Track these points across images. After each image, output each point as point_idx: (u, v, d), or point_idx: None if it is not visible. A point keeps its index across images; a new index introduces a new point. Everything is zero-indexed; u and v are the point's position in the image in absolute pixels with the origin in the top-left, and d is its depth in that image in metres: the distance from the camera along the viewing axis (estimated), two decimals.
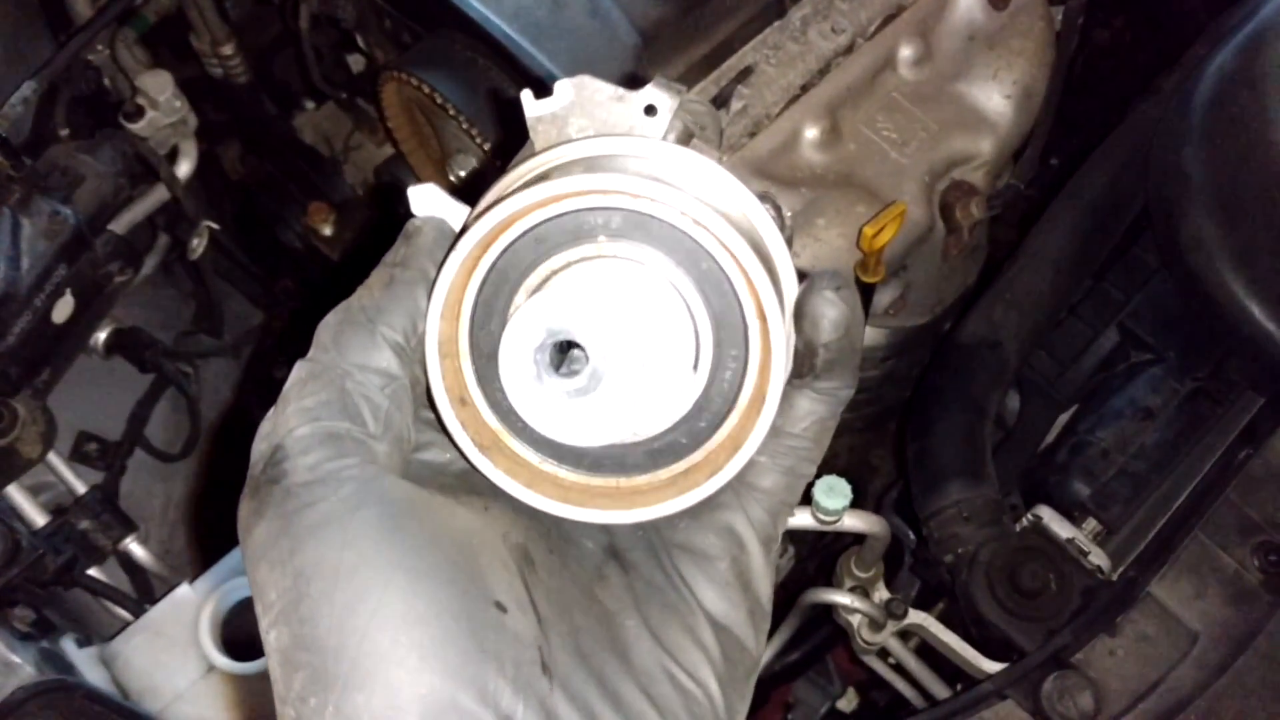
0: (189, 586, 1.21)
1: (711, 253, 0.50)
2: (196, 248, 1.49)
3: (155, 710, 1.13)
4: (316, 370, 0.53)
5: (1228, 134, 1.32)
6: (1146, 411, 1.32)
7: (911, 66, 1.50)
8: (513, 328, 0.51)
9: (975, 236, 1.51)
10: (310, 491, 0.50)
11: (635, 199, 0.49)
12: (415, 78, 1.30)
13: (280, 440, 0.51)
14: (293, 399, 0.52)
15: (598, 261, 0.52)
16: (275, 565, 0.49)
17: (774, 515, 0.57)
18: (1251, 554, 1.21)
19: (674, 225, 0.50)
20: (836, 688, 1.84)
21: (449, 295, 0.52)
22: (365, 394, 0.53)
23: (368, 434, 0.52)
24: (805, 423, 0.55)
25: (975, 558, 1.24)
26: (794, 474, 0.57)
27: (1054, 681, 1.13)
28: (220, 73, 1.89)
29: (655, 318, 0.51)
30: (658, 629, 0.52)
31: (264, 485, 0.51)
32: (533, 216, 0.51)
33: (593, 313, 0.50)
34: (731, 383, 0.53)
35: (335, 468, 0.50)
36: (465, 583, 0.49)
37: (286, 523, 0.49)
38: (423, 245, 0.56)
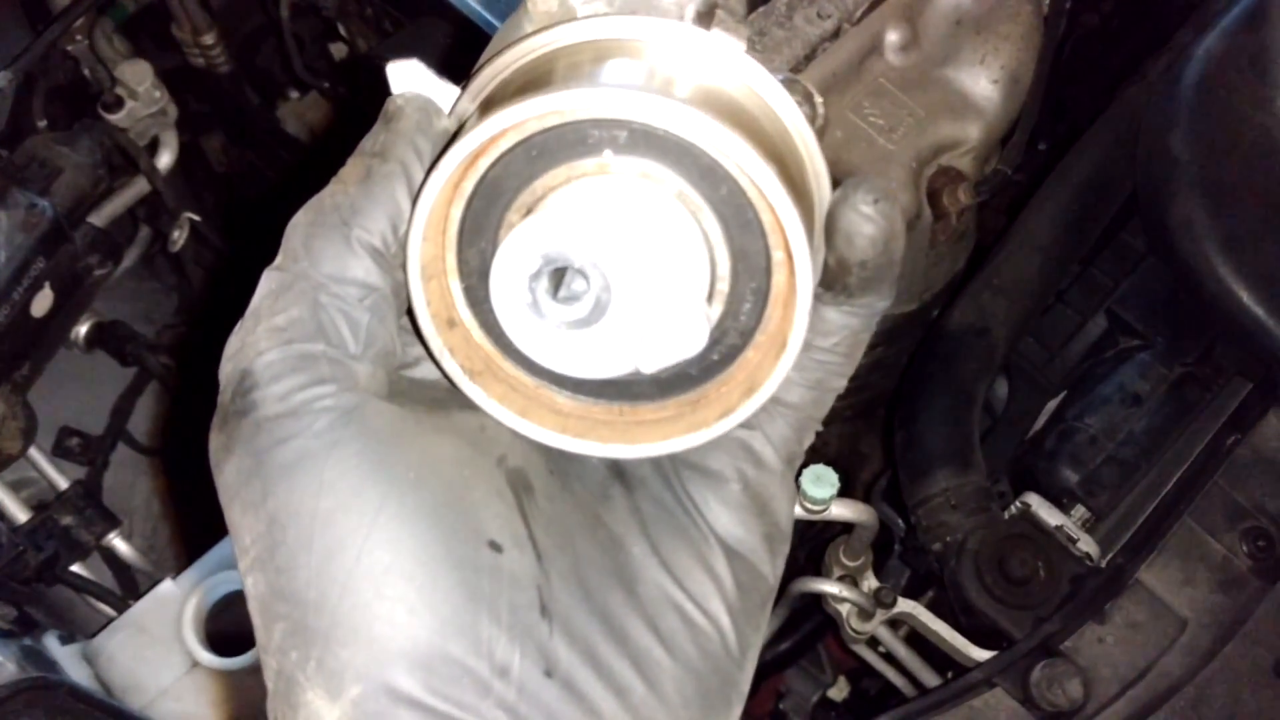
0: (172, 582, 1.20)
1: (732, 174, 0.45)
2: (177, 240, 1.47)
3: (139, 707, 1.12)
4: (287, 281, 0.48)
5: (1216, 118, 1.32)
6: (1135, 398, 1.32)
7: (898, 52, 1.49)
8: (506, 250, 0.46)
9: (963, 223, 1.50)
10: (282, 426, 0.45)
11: (645, 115, 0.44)
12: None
13: (249, 365, 0.46)
14: (263, 316, 0.47)
15: (602, 179, 0.46)
16: (248, 508, 0.46)
17: (799, 432, 0.53)
18: (1240, 540, 1.21)
19: (690, 142, 0.44)
20: (828, 676, 1.84)
21: (433, 212, 0.47)
22: (342, 308, 0.48)
23: (346, 354, 0.47)
24: (836, 337, 0.51)
25: (963, 546, 1.23)
26: (822, 388, 0.52)
27: (1042, 669, 1.12)
28: (202, 62, 1.87)
29: (665, 243, 0.46)
30: (666, 555, 0.49)
31: (232, 417, 0.46)
32: (529, 126, 0.45)
33: (596, 236, 0.45)
34: (750, 315, 0.49)
35: (309, 397, 0.46)
36: (456, 522, 0.46)
37: (258, 461, 0.45)
38: (404, 130, 0.50)
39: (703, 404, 0.50)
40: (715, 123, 0.43)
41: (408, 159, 0.49)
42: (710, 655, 0.48)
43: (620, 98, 0.44)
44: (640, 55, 0.47)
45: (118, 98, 1.44)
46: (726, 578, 0.49)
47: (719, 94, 0.47)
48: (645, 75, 0.47)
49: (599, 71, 0.47)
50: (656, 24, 0.47)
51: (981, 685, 1.14)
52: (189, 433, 1.61)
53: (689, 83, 0.47)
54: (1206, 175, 1.29)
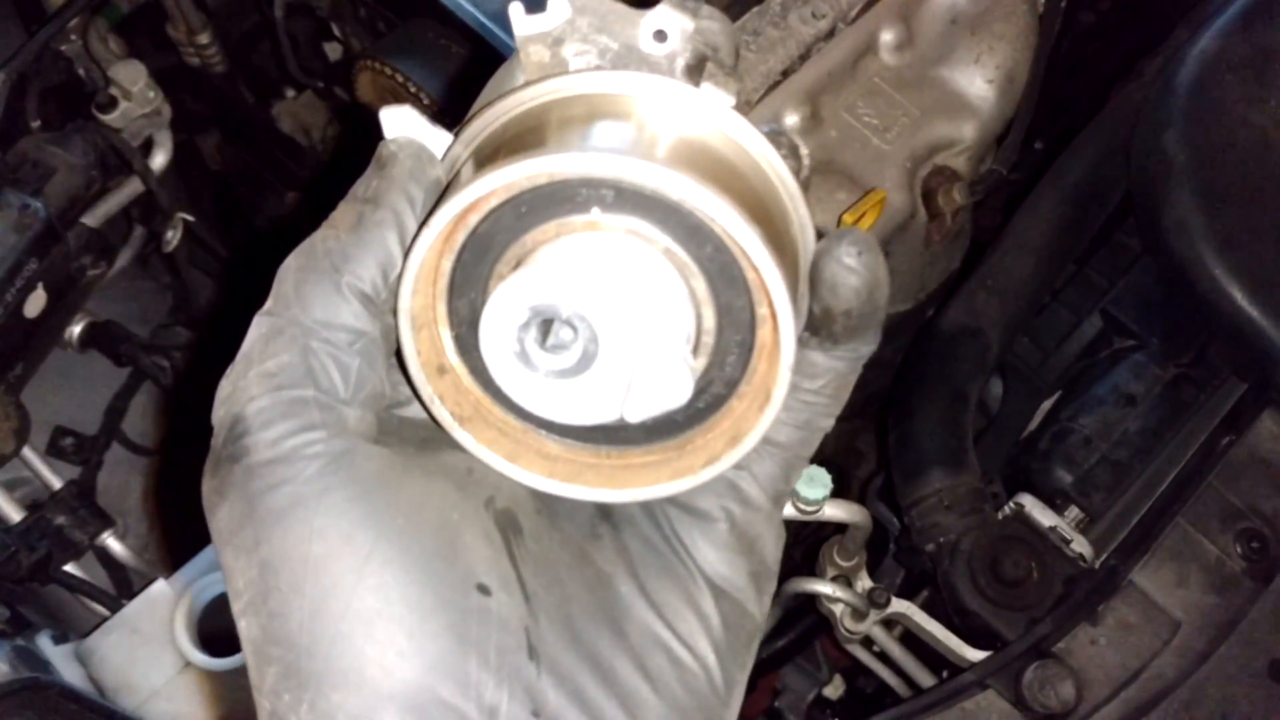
0: (165, 582, 1.20)
1: (717, 233, 0.46)
2: (171, 240, 1.47)
3: (131, 707, 1.12)
4: (278, 326, 0.48)
5: (1210, 118, 1.32)
6: (1129, 398, 1.31)
7: (893, 51, 1.49)
8: (495, 301, 0.47)
9: (958, 222, 1.50)
10: (273, 471, 0.46)
11: (634, 177, 0.45)
12: (389, 66, 1.28)
13: (240, 410, 0.47)
14: (254, 360, 0.48)
15: (590, 235, 0.47)
16: (241, 552, 0.46)
17: (787, 471, 0.53)
18: (1234, 541, 1.21)
19: (676, 202, 0.46)
20: (824, 674, 1.84)
21: (424, 264, 0.48)
22: (333, 353, 0.48)
23: (337, 399, 0.48)
24: (823, 380, 0.52)
25: (957, 546, 1.23)
26: (810, 428, 0.53)
27: (1035, 671, 1.12)
28: (197, 62, 1.87)
29: (652, 297, 0.47)
30: (654, 594, 0.50)
31: (225, 463, 0.47)
32: (519, 185, 0.47)
33: (584, 288, 0.46)
34: (735, 366, 0.50)
35: (300, 443, 0.47)
36: (444, 567, 0.47)
37: (250, 506, 0.46)
38: (397, 177, 0.50)
39: (688, 450, 0.52)
40: (700, 186, 0.44)
41: (400, 206, 0.50)
42: (697, 694, 0.49)
43: (608, 160, 0.45)
44: (630, 112, 0.48)
45: (111, 98, 1.44)
46: (714, 616, 0.50)
47: (706, 151, 0.48)
48: (634, 133, 0.48)
49: (589, 130, 0.48)
50: (646, 80, 0.48)
51: (974, 686, 1.14)
52: (184, 432, 1.61)
53: (676, 140, 0.48)
54: (1201, 175, 1.28)
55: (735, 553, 0.52)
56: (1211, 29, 1.34)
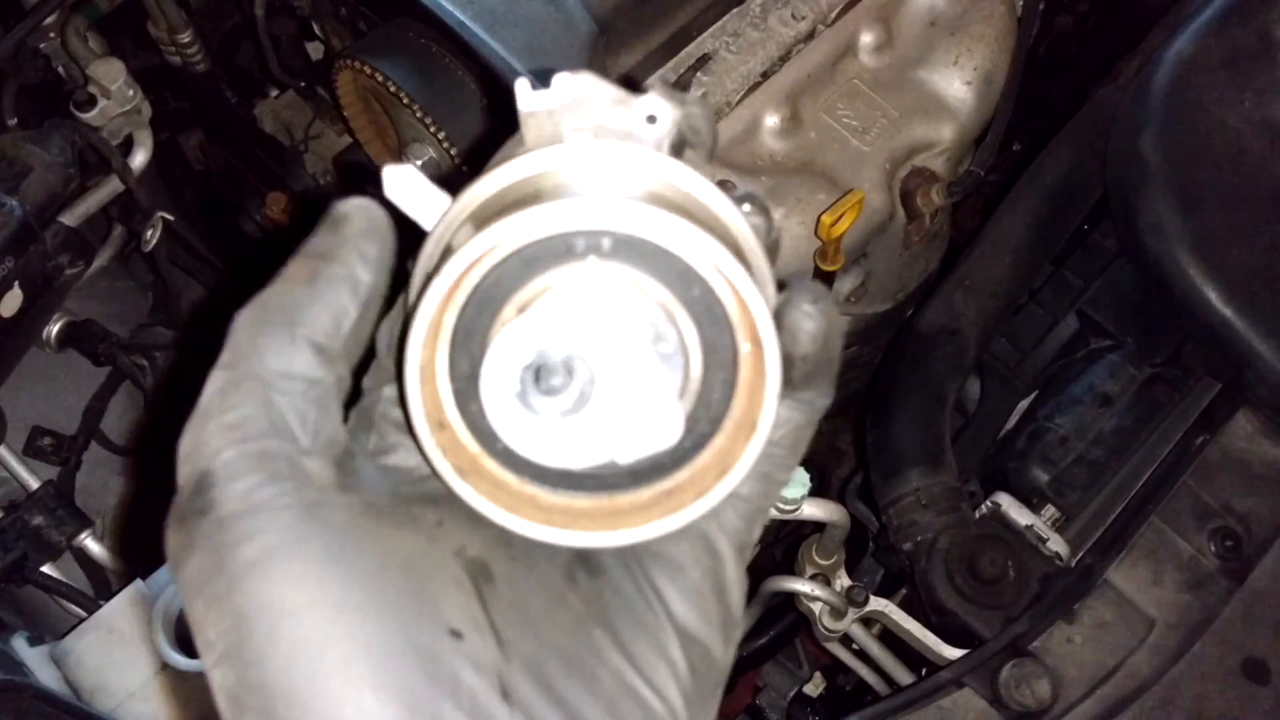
0: (142, 583, 1.19)
1: (704, 275, 0.50)
2: (150, 239, 1.47)
3: (108, 709, 1.11)
4: (235, 379, 0.49)
5: (1186, 119, 1.33)
6: (1105, 398, 1.32)
7: (873, 53, 1.50)
8: (496, 347, 0.50)
9: (936, 223, 1.50)
10: (245, 523, 0.46)
11: (628, 224, 0.49)
12: (368, 66, 1.28)
13: (207, 464, 0.47)
14: (214, 414, 0.48)
15: (587, 282, 0.50)
16: (213, 604, 0.46)
17: (749, 522, 0.56)
18: (1208, 540, 1.22)
19: (667, 250, 0.49)
20: (805, 671, 1.85)
21: (430, 321, 0.50)
22: (292, 404, 0.49)
23: (300, 450, 0.49)
24: (782, 430, 0.54)
25: (934, 545, 1.24)
26: (770, 480, 0.55)
27: (1011, 670, 1.13)
28: (178, 61, 1.86)
29: (644, 340, 0.50)
30: (626, 642, 0.51)
31: (192, 516, 0.47)
32: (520, 238, 0.49)
33: (580, 333, 0.49)
34: (719, 404, 0.52)
35: (269, 495, 0.47)
36: (416, 612, 0.47)
37: (220, 558, 0.46)
38: (349, 236, 0.52)
39: (678, 490, 0.54)
40: (690, 225, 0.48)
41: (352, 261, 0.52)
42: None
43: (604, 208, 0.48)
44: (622, 176, 0.52)
45: (90, 96, 1.43)
46: (682, 664, 0.51)
47: (687, 209, 0.52)
48: (626, 192, 0.51)
49: (585, 188, 0.51)
50: (636, 150, 0.51)
51: (950, 685, 1.15)
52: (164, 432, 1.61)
53: (663, 201, 0.51)
54: (1176, 177, 1.29)
55: (704, 602, 0.53)
56: (1187, 31, 1.36)
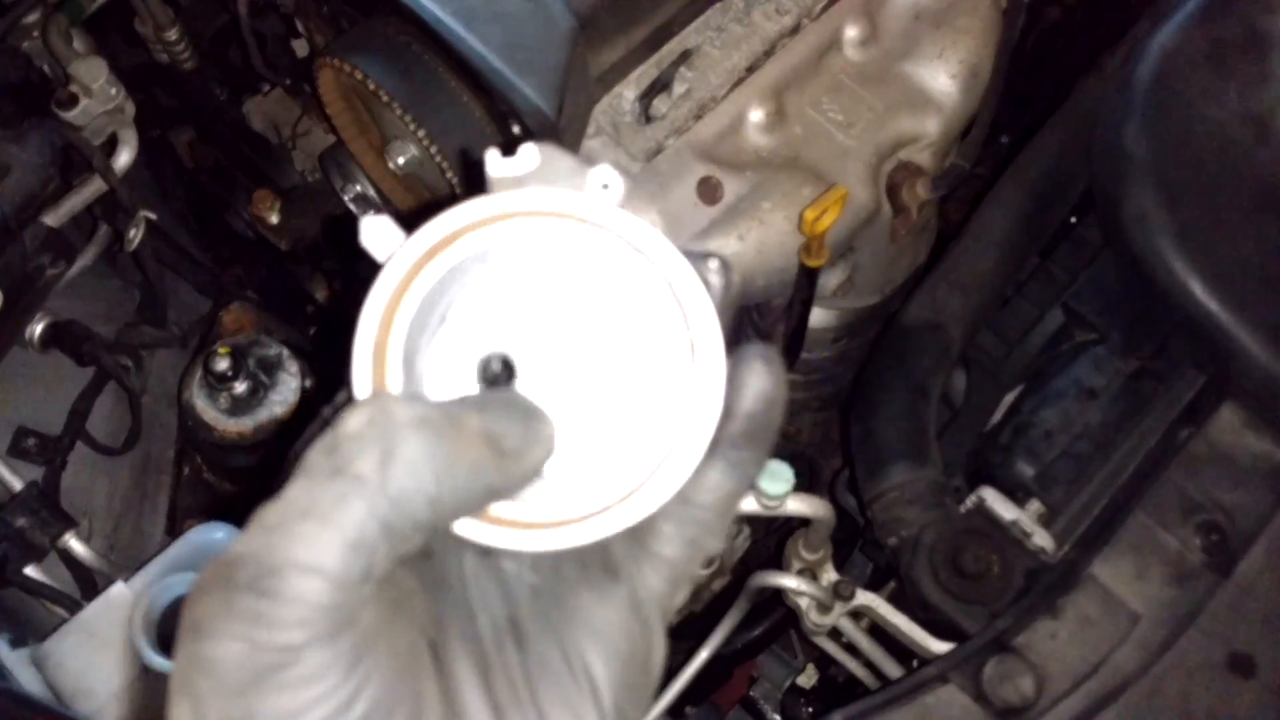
0: (124, 584, 1.19)
1: (655, 300, 0.50)
2: (134, 238, 1.46)
3: (89, 712, 1.11)
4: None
5: (1170, 111, 1.32)
6: (1090, 392, 1.32)
7: (857, 47, 1.49)
8: (440, 344, 0.49)
9: (923, 217, 1.50)
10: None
11: (583, 227, 0.49)
12: (348, 64, 1.27)
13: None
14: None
15: (537, 287, 0.51)
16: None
17: (673, 587, 0.53)
18: (1193, 533, 1.21)
19: (620, 264, 0.50)
20: (800, 662, 1.85)
21: (386, 308, 0.49)
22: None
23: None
24: (713, 495, 0.52)
25: (918, 540, 1.24)
26: (696, 545, 0.53)
27: (995, 666, 1.13)
28: (166, 58, 1.85)
29: (587, 352, 0.50)
30: (548, 718, 0.49)
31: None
32: (478, 235, 0.49)
33: (524, 336, 0.49)
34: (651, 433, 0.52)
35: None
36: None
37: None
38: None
39: (621, 503, 0.52)
40: (646, 223, 0.50)
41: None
42: None
43: (567, 203, 0.49)
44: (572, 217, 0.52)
45: (71, 95, 1.43)
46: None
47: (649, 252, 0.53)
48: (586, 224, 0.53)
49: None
50: (599, 200, 0.52)
51: (934, 681, 1.15)
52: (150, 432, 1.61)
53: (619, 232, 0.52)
54: (1160, 169, 1.29)
55: (630, 674, 0.51)
56: (1171, 23, 1.35)
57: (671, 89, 1.39)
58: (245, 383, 1.36)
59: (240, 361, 1.36)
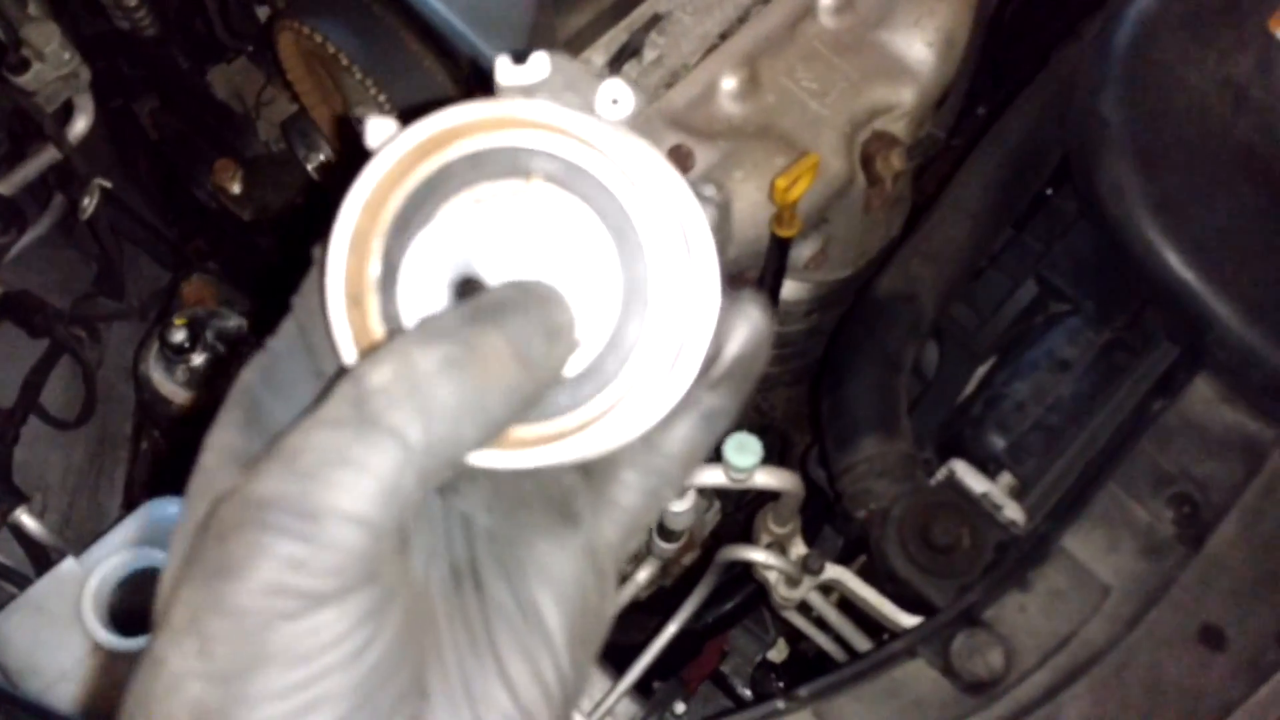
0: (74, 560, 1.16)
1: (648, 226, 0.48)
2: (87, 207, 1.43)
3: (37, 690, 1.08)
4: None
5: (1147, 79, 1.30)
6: (1063, 363, 1.30)
7: (832, 14, 1.46)
8: (417, 252, 0.47)
9: (898, 188, 1.48)
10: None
11: (582, 150, 0.47)
12: (307, 26, 1.24)
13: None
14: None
15: (525, 199, 0.48)
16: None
17: (627, 536, 0.52)
18: (1165, 506, 1.20)
19: (612, 191, 0.47)
20: (771, 637, 1.84)
21: (372, 197, 0.47)
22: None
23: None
24: (680, 445, 0.50)
25: (888, 513, 1.22)
26: (655, 496, 0.52)
27: (964, 639, 1.11)
28: (127, 26, 1.81)
29: (569, 272, 0.48)
30: (508, 668, 0.48)
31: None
32: (464, 143, 0.47)
33: (505, 250, 0.47)
34: (633, 364, 0.49)
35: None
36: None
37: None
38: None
39: (571, 430, 0.49)
40: (640, 139, 0.47)
41: None
42: None
43: (569, 120, 0.47)
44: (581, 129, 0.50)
45: (23, 59, 1.39)
46: (555, 688, 0.49)
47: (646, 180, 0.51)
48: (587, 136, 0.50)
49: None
50: (599, 121, 0.49)
51: (903, 655, 1.13)
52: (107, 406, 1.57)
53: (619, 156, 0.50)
54: (1137, 137, 1.27)
55: (583, 623, 0.50)
56: None
57: (642, 55, 1.36)
58: (203, 355, 1.33)
59: (198, 333, 1.32)
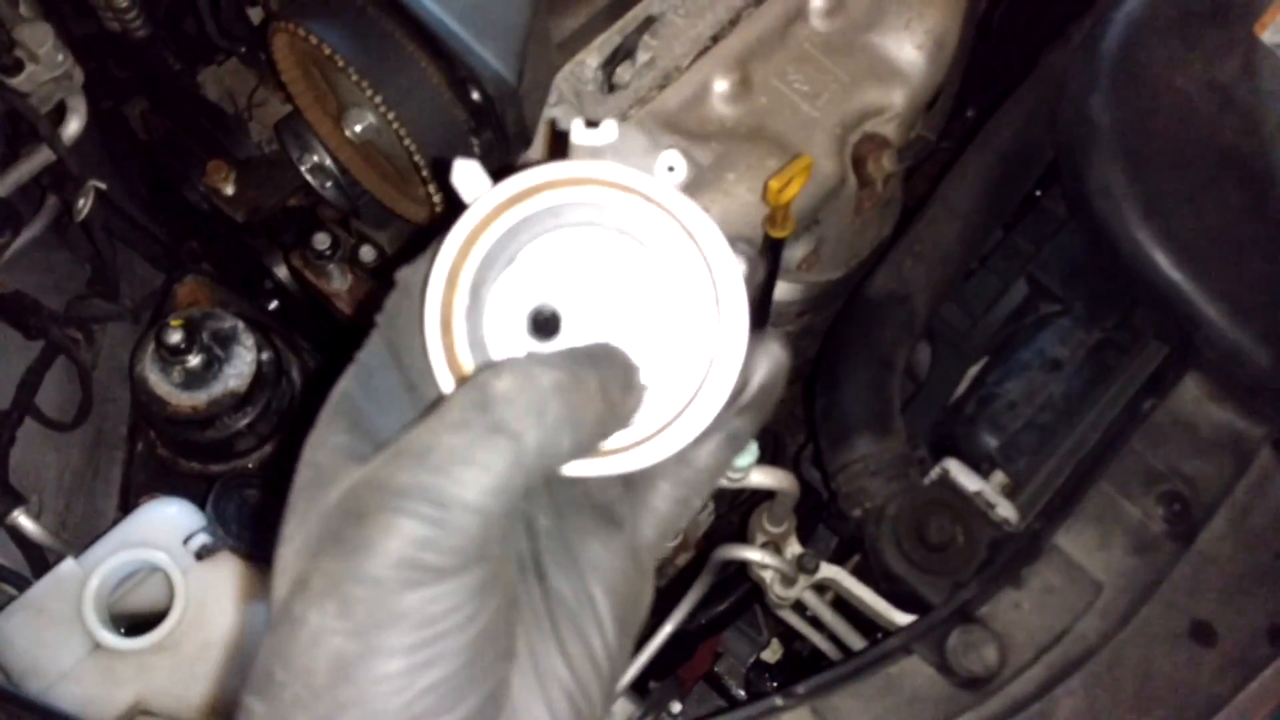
0: (74, 560, 1.16)
1: (694, 275, 0.55)
2: (82, 209, 1.42)
3: (38, 690, 1.08)
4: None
5: (1135, 81, 1.32)
6: (1054, 363, 1.32)
7: (823, 17, 1.47)
8: (501, 287, 0.55)
9: (889, 190, 1.49)
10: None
11: (644, 206, 0.55)
12: (302, 28, 1.24)
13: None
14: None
15: (594, 247, 0.56)
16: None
17: (662, 538, 0.60)
18: (1155, 503, 1.22)
19: (666, 245, 0.55)
20: (764, 637, 1.85)
21: (465, 241, 0.54)
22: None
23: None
24: (708, 460, 0.58)
25: (883, 512, 1.23)
26: (686, 504, 0.59)
27: (958, 636, 1.13)
28: (117, 27, 1.80)
29: (627, 316, 0.56)
30: (567, 647, 0.55)
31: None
32: (546, 196, 0.54)
33: (575, 292, 0.55)
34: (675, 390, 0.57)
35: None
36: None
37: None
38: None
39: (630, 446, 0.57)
40: (699, 227, 0.55)
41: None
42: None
43: (632, 177, 0.55)
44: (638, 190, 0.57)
45: (16, 60, 1.39)
46: (605, 669, 0.56)
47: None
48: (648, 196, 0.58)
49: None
50: (664, 184, 0.57)
51: (898, 652, 1.14)
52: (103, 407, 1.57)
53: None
54: (1126, 139, 1.28)
55: (628, 613, 0.58)
56: None
57: (635, 57, 1.36)
58: (199, 356, 1.33)
59: (194, 334, 1.32)
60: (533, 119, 1.29)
